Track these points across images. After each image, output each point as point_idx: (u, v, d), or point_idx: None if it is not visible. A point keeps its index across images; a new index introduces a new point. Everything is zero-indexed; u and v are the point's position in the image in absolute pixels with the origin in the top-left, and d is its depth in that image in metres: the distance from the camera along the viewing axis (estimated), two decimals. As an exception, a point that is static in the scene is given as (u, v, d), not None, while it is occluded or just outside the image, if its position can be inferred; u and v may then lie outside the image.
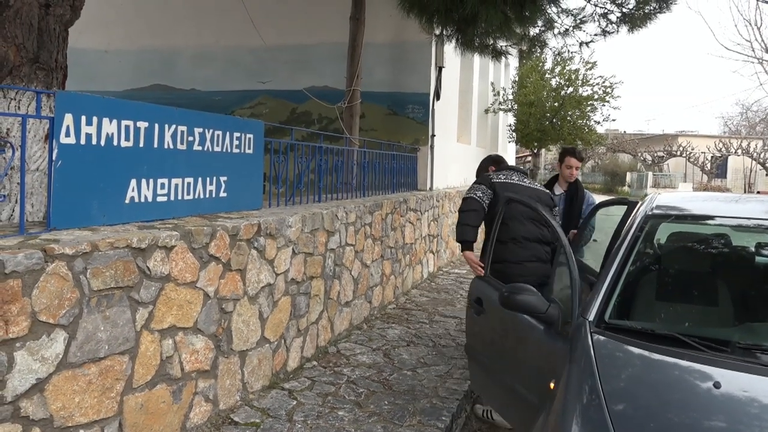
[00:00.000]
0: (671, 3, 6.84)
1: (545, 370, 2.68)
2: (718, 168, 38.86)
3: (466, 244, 4.00)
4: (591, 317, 2.64)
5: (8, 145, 2.96)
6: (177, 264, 3.12)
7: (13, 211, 3.13)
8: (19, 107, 3.23)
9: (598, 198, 5.32)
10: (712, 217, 3.50)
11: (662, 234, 3.40)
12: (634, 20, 7.06)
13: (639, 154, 44.54)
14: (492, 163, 4.45)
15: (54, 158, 2.69)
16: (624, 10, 7.09)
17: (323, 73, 9.18)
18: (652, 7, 6.92)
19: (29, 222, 3.03)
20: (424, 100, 9.04)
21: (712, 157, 38.15)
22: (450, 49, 8.60)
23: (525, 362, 3.07)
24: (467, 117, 12.33)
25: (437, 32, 7.94)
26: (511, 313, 2.96)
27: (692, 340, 2.39)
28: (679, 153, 40.22)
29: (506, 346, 3.38)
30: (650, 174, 38.92)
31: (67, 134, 2.74)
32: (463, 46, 7.68)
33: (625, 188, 40.11)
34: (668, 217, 3.40)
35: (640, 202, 3.68)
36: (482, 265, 3.81)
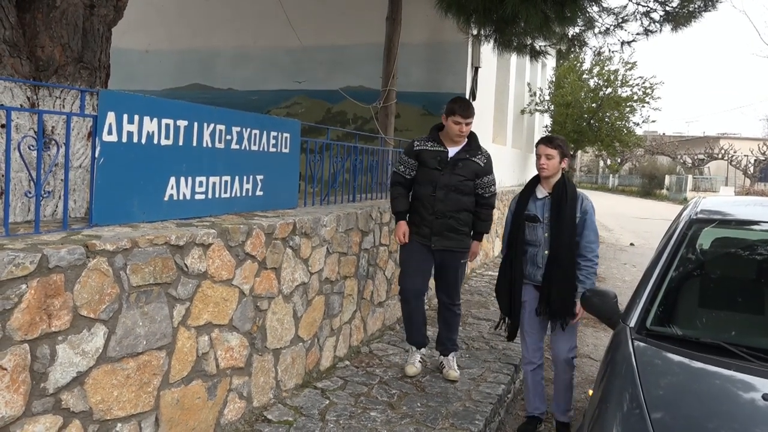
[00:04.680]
0: (717, 1, 6.66)
1: None
2: (762, 172, 37.78)
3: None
4: (632, 323, 2.58)
5: (53, 142, 3.03)
6: (214, 261, 3.15)
7: (57, 207, 3.20)
8: (63, 105, 3.30)
9: (632, 201, 5.06)
10: (757, 223, 3.39)
11: (706, 239, 3.30)
12: (677, 19, 6.89)
13: (678, 157, 43.58)
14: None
15: (96, 156, 2.74)
16: (667, 8, 6.92)
17: (359, 73, 9.19)
18: (696, 5, 6.73)
19: (72, 218, 3.09)
20: (460, 100, 8.95)
21: (755, 160, 37.11)
22: (486, 49, 8.53)
23: None
24: (503, 118, 12.21)
25: (475, 32, 7.88)
26: None
27: (739, 350, 2.31)
28: (720, 156, 39.24)
29: None
30: (690, 177, 38.05)
31: (110, 132, 2.79)
32: (501, 46, 7.61)
33: (664, 191, 39.30)
34: (712, 222, 3.30)
35: (685, 207, 3.58)
36: None
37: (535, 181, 3.85)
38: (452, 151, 4.24)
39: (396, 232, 4.42)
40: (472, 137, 4.29)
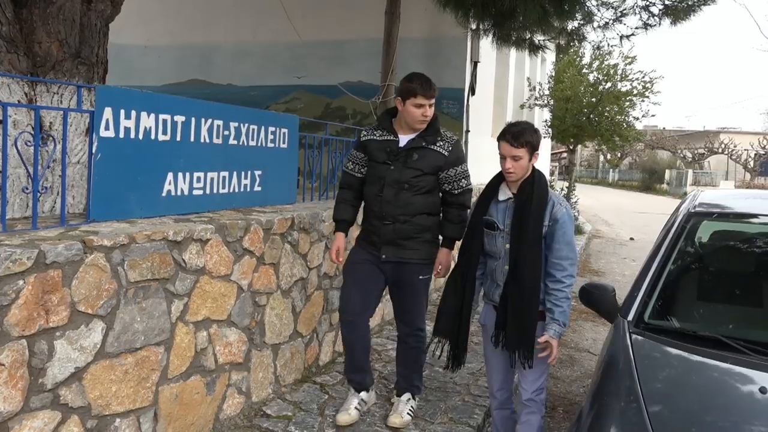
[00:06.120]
0: (716, -6, 6.64)
1: None
2: (762, 166, 37.68)
3: None
4: (630, 317, 2.58)
5: (51, 138, 3.02)
6: (212, 257, 3.15)
7: (55, 202, 3.19)
8: (61, 101, 3.30)
9: (632, 196, 4.98)
10: (756, 216, 3.39)
11: (704, 232, 3.30)
12: (677, 12, 6.88)
13: (679, 151, 43.52)
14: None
15: (94, 151, 2.74)
16: (667, 2, 6.91)
17: (358, 68, 9.17)
18: (696, -1, 6.73)
19: (70, 214, 3.09)
20: (459, 95, 8.95)
21: (755, 154, 37.03)
22: (485, 43, 8.51)
23: None
24: (502, 112, 12.19)
25: (473, 27, 7.86)
26: None
27: (736, 343, 2.31)
28: (720, 150, 39.18)
29: None
30: (690, 172, 38.01)
31: (107, 128, 2.79)
32: (500, 40, 7.60)
33: (664, 186, 39.29)
34: (711, 215, 3.29)
35: (684, 200, 3.58)
36: None
37: (499, 178, 3.05)
38: (405, 139, 3.41)
39: (330, 248, 3.71)
40: (433, 120, 3.43)
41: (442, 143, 3.42)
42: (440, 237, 3.57)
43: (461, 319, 3.06)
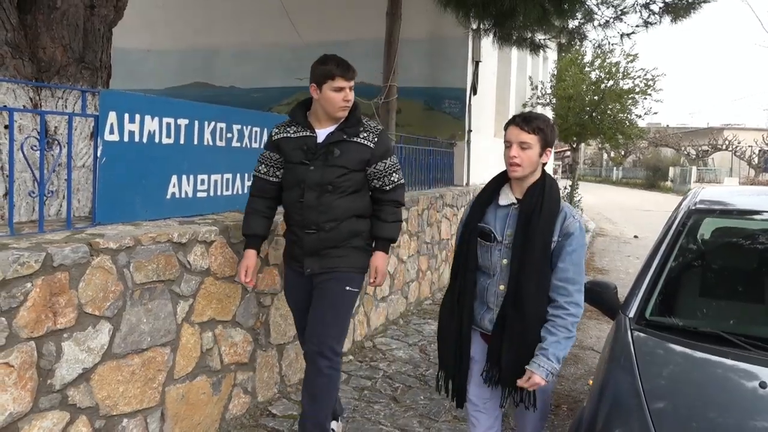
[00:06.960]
0: (716, -8, 6.65)
1: None
2: (766, 162, 37.56)
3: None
4: (631, 314, 2.60)
5: (56, 142, 3.06)
6: (216, 258, 3.17)
7: (61, 206, 3.23)
8: (66, 106, 3.33)
9: (637, 194, 4.96)
10: (758, 212, 3.40)
11: (706, 229, 3.30)
12: (677, 10, 6.89)
13: (682, 149, 43.46)
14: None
15: (98, 155, 2.77)
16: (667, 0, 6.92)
17: (360, 68, 9.03)
18: (696, -4, 6.74)
19: (76, 217, 3.12)
20: (461, 95, 8.97)
21: (759, 150, 36.92)
22: (487, 43, 8.53)
23: None
24: (504, 111, 12.20)
25: (474, 26, 7.89)
26: None
27: (737, 339, 2.33)
28: (724, 147, 39.10)
29: None
30: (694, 169, 37.94)
31: (111, 132, 2.82)
32: (501, 40, 7.62)
33: (668, 183, 39.22)
34: (712, 212, 3.30)
35: (685, 197, 3.59)
36: None
37: (500, 179, 2.54)
38: (323, 133, 2.96)
39: (238, 268, 3.14)
40: (352, 109, 3.01)
41: (366, 134, 2.98)
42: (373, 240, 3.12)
43: (462, 349, 2.53)
